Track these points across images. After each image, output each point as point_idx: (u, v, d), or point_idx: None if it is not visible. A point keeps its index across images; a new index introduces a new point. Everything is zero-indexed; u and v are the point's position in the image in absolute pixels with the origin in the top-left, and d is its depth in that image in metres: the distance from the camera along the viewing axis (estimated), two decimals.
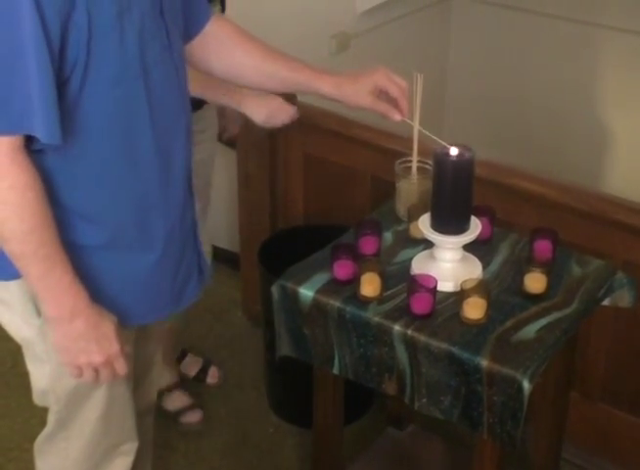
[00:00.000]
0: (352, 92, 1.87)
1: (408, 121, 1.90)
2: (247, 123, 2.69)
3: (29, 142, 1.47)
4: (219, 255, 3.26)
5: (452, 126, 3.87)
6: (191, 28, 1.77)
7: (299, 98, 2.80)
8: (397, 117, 1.88)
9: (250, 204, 2.94)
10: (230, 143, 2.80)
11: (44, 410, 1.82)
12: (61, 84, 1.45)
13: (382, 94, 1.88)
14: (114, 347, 1.62)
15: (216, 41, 1.82)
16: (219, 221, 3.13)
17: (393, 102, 1.88)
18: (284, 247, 2.65)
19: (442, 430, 2.55)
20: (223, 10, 2.35)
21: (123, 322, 1.66)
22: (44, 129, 1.44)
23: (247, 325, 3.06)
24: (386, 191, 2.22)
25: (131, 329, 1.75)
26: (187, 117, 1.69)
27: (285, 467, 2.62)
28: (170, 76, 1.61)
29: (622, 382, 2.53)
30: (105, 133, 1.53)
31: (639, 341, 2.46)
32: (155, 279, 1.69)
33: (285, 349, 1.99)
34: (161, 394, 2.68)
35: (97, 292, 1.60)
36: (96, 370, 1.63)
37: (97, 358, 1.61)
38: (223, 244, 3.22)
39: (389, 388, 1.87)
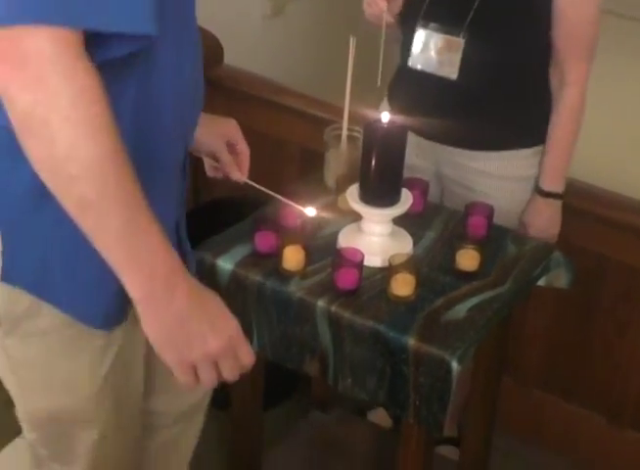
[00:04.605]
0: (205, 131, 1.66)
1: (250, 182, 1.80)
2: None
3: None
4: None
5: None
6: None
7: (226, 61, 2.76)
8: (240, 176, 1.78)
9: None
10: None
11: None
12: None
13: (228, 146, 1.77)
14: (231, 323, 1.27)
15: None
16: None
17: (236, 157, 1.78)
18: (207, 220, 2.60)
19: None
20: None
21: None
22: (129, 13, 1.14)
23: None
24: (317, 163, 2.18)
25: None
26: None
27: (201, 451, 2.57)
28: None
29: (557, 368, 2.54)
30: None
31: (576, 325, 2.48)
32: None
33: None
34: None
35: None
36: (215, 364, 1.26)
37: (216, 344, 1.23)
38: None
39: (311, 368, 1.84)
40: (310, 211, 1.71)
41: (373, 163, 1.80)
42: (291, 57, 3.21)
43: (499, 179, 2.17)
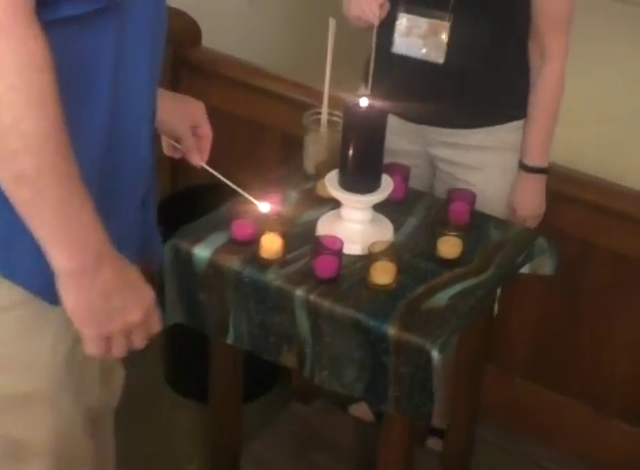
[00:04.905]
0: (170, 111, 1.65)
1: (208, 168, 1.76)
2: None
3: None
4: None
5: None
6: None
7: (205, 44, 2.76)
8: (199, 160, 1.74)
9: None
10: None
11: None
12: None
13: (191, 129, 1.74)
14: (149, 294, 1.32)
15: None
16: None
17: (198, 141, 1.75)
18: (185, 206, 2.60)
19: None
20: None
21: None
22: None
23: None
24: (298, 149, 2.19)
25: None
26: None
27: (181, 445, 2.59)
28: None
29: (543, 357, 2.55)
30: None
31: (562, 313, 2.49)
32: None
33: (176, 316, 1.94)
34: None
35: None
36: (129, 334, 1.31)
37: (135, 316, 1.29)
38: None
39: (288, 360, 1.84)
40: (264, 207, 1.72)
41: (352, 148, 1.80)
42: (272, 39, 3.21)
43: (491, 152, 2.19)
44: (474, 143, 2.18)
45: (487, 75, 2.15)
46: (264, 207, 1.72)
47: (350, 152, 1.80)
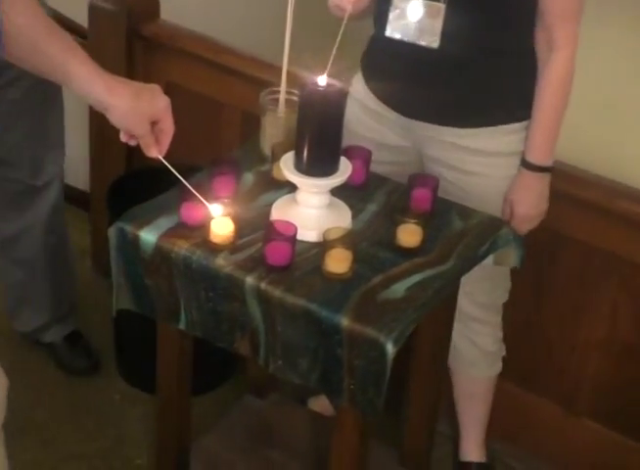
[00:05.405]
0: (129, 110, 1.64)
1: (165, 162, 1.77)
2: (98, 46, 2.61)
3: None
4: (68, 194, 3.18)
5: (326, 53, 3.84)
6: None
7: (162, 16, 2.74)
8: (157, 153, 1.74)
9: (102, 136, 2.86)
10: None
11: None
12: None
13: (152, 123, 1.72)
14: None
15: None
16: (69, 155, 3.03)
17: (159, 134, 1.73)
18: (139, 188, 2.58)
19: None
20: None
21: None
22: None
23: (95, 277, 2.99)
24: (257, 127, 2.17)
25: None
26: None
27: (129, 439, 2.58)
28: None
29: (510, 353, 2.55)
30: None
31: (529, 307, 2.49)
32: None
33: (124, 301, 1.93)
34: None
35: None
36: None
37: None
38: (73, 181, 3.12)
39: (242, 347, 1.83)
40: (216, 210, 1.73)
41: (309, 129, 1.79)
42: (234, 13, 3.18)
43: (491, 156, 2.13)
44: (471, 145, 2.13)
45: (485, 67, 2.09)
46: (216, 209, 1.74)
47: (307, 133, 1.79)
